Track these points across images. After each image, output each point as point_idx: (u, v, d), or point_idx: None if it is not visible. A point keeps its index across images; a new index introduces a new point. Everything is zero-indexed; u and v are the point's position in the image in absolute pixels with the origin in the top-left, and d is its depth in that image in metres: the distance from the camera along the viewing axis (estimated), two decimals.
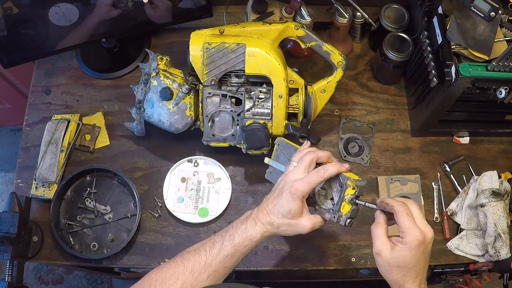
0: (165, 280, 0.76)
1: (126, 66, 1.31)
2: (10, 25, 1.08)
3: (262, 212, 0.83)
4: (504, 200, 1.11)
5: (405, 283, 0.75)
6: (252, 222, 0.82)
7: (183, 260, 0.79)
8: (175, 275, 0.76)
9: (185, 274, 0.76)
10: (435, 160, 1.22)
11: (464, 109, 1.17)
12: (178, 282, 0.76)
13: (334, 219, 0.83)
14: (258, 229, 0.81)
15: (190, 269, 0.77)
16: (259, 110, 1.07)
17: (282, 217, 0.81)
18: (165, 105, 1.07)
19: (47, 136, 1.18)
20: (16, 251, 1.01)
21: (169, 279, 0.76)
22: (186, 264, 0.78)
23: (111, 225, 1.14)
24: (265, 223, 0.81)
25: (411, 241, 0.73)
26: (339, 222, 0.83)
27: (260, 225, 0.81)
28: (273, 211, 0.82)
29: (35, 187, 1.14)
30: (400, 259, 0.74)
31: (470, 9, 0.97)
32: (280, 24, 1.05)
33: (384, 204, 0.78)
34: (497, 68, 0.97)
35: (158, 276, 0.77)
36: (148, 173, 1.19)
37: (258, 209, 0.84)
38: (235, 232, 0.81)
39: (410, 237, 0.73)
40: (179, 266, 0.78)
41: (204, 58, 1.02)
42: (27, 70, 1.34)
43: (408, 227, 0.74)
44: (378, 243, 0.76)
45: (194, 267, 0.77)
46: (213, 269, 0.78)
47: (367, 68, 1.33)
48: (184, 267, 0.77)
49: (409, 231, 0.73)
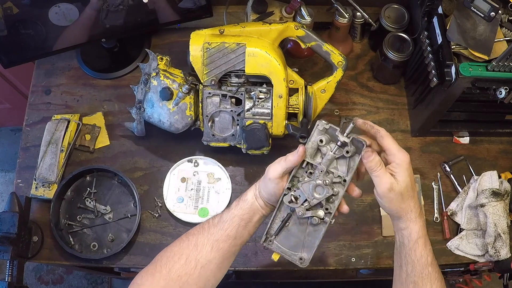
0: (169, 258, 0.79)
1: (126, 66, 1.31)
2: (10, 25, 1.08)
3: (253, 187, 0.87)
4: (504, 200, 1.11)
5: (414, 203, 0.79)
6: (244, 193, 0.86)
7: (188, 236, 0.82)
8: (179, 251, 0.80)
9: (189, 248, 0.80)
10: (435, 160, 1.22)
11: (464, 109, 1.17)
12: (183, 257, 0.78)
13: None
14: (250, 193, 0.84)
15: (194, 243, 0.80)
16: (259, 110, 1.07)
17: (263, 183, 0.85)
18: (165, 105, 1.07)
19: (47, 136, 1.18)
20: (16, 251, 1.01)
21: (174, 256, 0.79)
22: (191, 238, 0.81)
23: (111, 225, 1.14)
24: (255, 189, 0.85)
25: (404, 161, 0.77)
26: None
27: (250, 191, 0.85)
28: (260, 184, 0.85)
29: (35, 187, 1.14)
30: (406, 182, 0.77)
31: (470, 9, 0.97)
32: (280, 24, 1.05)
33: (368, 125, 0.80)
34: (497, 68, 0.97)
35: (164, 256, 0.80)
36: (148, 173, 1.19)
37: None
38: (232, 205, 0.85)
39: (403, 157, 0.77)
40: (183, 242, 0.81)
41: (204, 58, 1.02)
42: (27, 70, 1.34)
43: (398, 149, 0.78)
44: (385, 180, 0.76)
45: (198, 240, 0.80)
46: (215, 238, 0.80)
47: (367, 68, 1.33)
48: (188, 241, 0.81)
49: (399, 153, 0.77)
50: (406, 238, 0.79)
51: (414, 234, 0.79)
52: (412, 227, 0.79)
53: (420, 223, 0.80)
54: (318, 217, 0.81)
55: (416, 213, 0.79)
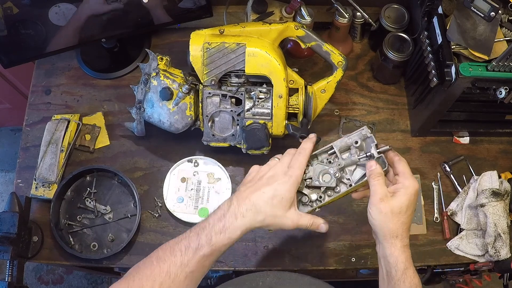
0: (143, 282, 0.73)
1: (126, 66, 1.31)
2: (10, 25, 1.08)
3: (245, 202, 0.76)
4: (504, 200, 1.11)
5: (403, 231, 0.77)
6: (231, 218, 0.75)
7: (158, 260, 0.74)
8: (151, 276, 0.73)
9: (162, 276, 0.73)
10: (435, 160, 1.22)
11: (464, 109, 1.17)
12: (156, 284, 0.72)
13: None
14: (238, 225, 0.75)
15: (166, 271, 0.73)
16: (259, 110, 1.07)
17: (272, 207, 0.76)
18: (165, 105, 1.07)
19: (47, 136, 1.18)
20: (16, 251, 1.01)
21: (147, 282, 0.72)
22: (162, 265, 0.73)
23: (111, 225, 1.14)
24: (249, 216, 0.75)
25: (412, 186, 0.78)
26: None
27: (241, 219, 0.75)
28: (260, 200, 0.76)
29: (35, 187, 1.14)
30: (402, 204, 0.77)
31: (470, 9, 0.97)
32: (280, 24, 1.05)
33: (392, 154, 0.84)
34: (497, 68, 0.97)
35: (136, 278, 0.74)
36: (148, 173, 1.19)
37: (238, 200, 0.77)
38: (211, 230, 0.75)
39: (413, 183, 0.78)
40: (155, 268, 0.74)
41: (204, 58, 1.02)
42: (27, 70, 1.34)
43: (409, 174, 0.80)
44: (380, 191, 0.77)
45: (170, 268, 0.73)
46: (190, 269, 0.74)
47: (367, 68, 1.33)
48: (160, 268, 0.73)
49: (410, 178, 0.79)
50: (393, 268, 0.77)
51: (400, 264, 0.77)
52: (398, 256, 0.77)
53: (407, 253, 0.78)
54: (309, 198, 0.85)
55: (402, 243, 0.77)
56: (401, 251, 0.77)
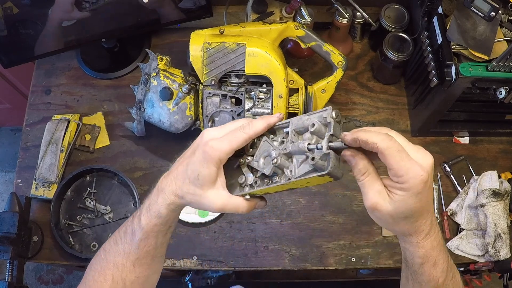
0: (95, 278, 0.68)
1: (126, 66, 1.31)
2: (10, 25, 1.08)
3: (167, 178, 0.67)
4: (504, 200, 1.11)
5: (416, 229, 0.60)
6: (155, 195, 0.67)
7: (105, 252, 0.69)
8: (102, 271, 0.68)
9: (110, 268, 0.67)
10: (435, 160, 1.20)
11: (464, 109, 1.17)
12: (108, 278, 0.67)
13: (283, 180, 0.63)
14: (161, 201, 0.66)
15: (112, 262, 0.68)
16: (259, 110, 1.07)
17: (189, 183, 0.63)
18: (165, 105, 1.07)
19: (47, 136, 1.18)
20: (16, 251, 1.01)
21: (99, 277, 0.68)
22: (108, 257, 0.68)
23: (111, 225, 1.14)
24: (169, 192, 0.66)
25: (415, 184, 0.54)
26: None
27: (162, 195, 0.66)
28: (179, 176, 0.65)
29: (35, 187, 1.14)
30: (406, 209, 0.56)
31: (470, 9, 0.97)
32: (280, 24, 1.05)
33: (360, 142, 0.55)
34: (497, 68, 0.97)
35: (90, 275, 0.69)
36: (148, 173, 1.19)
37: (164, 175, 0.68)
38: (141, 211, 0.68)
39: (413, 179, 0.54)
40: (103, 261, 0.69)
41: (204, 58, 1.02)
42: (27, 70, 1.34)
43: (406, 167, 0.54)
44: (370, 194, 0.57)
45: (115, 259, 0.67)
46: (135, 257, 0.67)
47: (367, 68, 1.33)
48: (107, 261, 0.68)
49: (408, 172, 0.54)
50: (409, 260, 0.64)
51: (417, 259, 0.62)
52: (414, 251, 0.62)
53: (428, 245, 0.61)
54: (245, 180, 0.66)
55: (421, 236, 0.61)
56: (416, 247, 0.61)
